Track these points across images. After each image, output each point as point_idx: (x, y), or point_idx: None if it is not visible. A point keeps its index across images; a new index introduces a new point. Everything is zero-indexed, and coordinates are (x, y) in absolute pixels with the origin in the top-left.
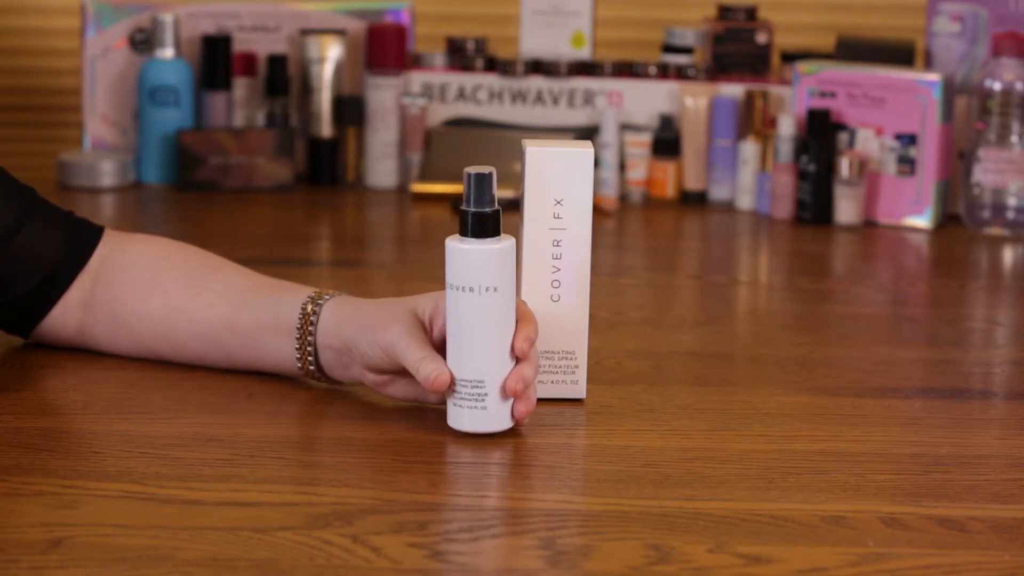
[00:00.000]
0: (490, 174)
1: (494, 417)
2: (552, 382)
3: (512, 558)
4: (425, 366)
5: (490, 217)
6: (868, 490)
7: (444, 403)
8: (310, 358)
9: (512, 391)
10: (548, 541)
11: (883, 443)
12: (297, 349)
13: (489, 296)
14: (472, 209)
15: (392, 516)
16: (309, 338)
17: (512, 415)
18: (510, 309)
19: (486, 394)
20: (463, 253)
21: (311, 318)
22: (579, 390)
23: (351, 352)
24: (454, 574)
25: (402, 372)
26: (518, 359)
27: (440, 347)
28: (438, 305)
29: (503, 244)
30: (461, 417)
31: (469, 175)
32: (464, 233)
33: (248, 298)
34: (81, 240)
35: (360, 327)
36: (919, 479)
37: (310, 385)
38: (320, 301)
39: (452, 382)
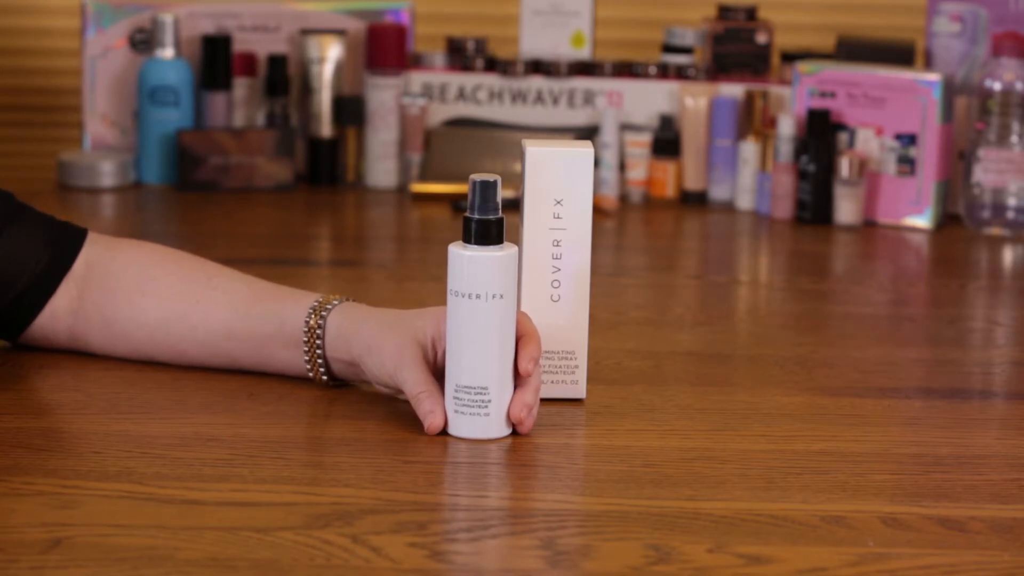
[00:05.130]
0: (495, 182)
1: (495, 424)
2: (552, 382)
3: (512, 558)
4: (422, 403)
5: (494, 224)
6: (868, 490)
7: None
8: (321, 368)
9: (516, 419)
10: (548, 541)
11: (883, 443)
12: (307, 361)
13: (494, 303)
14: (476, 216)
15: (392, 516)
16: (318, 351)
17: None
18: (512, 316)
19: (489, 401)
20: (467, 260)
21: (317, 331)
22: (579, 390)
23: (360, 366)
24: (454, 574)
25: None
26: (519, 379)
27: (442, 370)
28: (439, 326)
29: (507, 252)
30: (460, 424)
31: (474, 183)
32: (468, 240)
33: (249, 307)
34: (64, 244)
35: (368, 348)
36: (919, 479)
37: (310, 385)
38: (324, 312)
39: (445, 424)
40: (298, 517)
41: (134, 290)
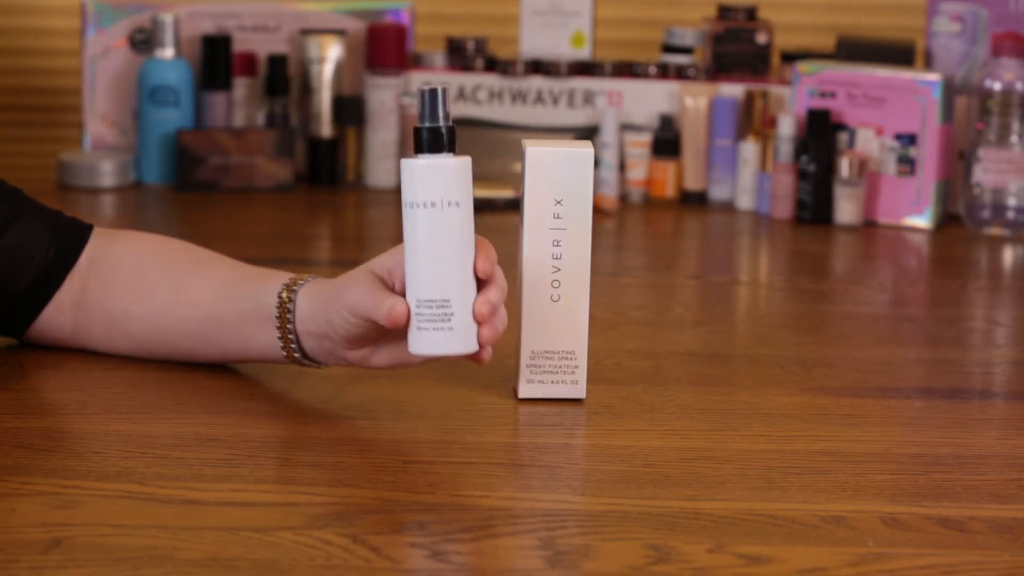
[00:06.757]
0: (443, 90)
1: (459, 338)
2: (552, 382)
3: (512, 558)
4: (382, 303)
5: (445, 132)
6: (868, 490)
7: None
8: (292, 345)
9: (479, 315)
10: (548, 541)
11: (883, 443)
12: (279, 338)
13: (451, 211)
14: (427, 125)
15: (392, 516)
16: (288, 326)
17: (478, 340)
18: (470, 226)
19: (452, 314)
20: (421, 169)
21: (288, 305)
22: (579, 390)
23: (329, 335)
24: (454, 574)
25: (377, 336)
26: (482, 282)
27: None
28: (395, 258)
29: (461, 159)
30: (423, 340)
31: (422, 91)
32: (419, 150)
33: (230, 290)
34: (70, 239)
35: (327, 302)
36: (919, 479)
37: (310, 385)
38: (295, 288)
39: (409, 312)
40: (298, 517)
41: (129, 283)
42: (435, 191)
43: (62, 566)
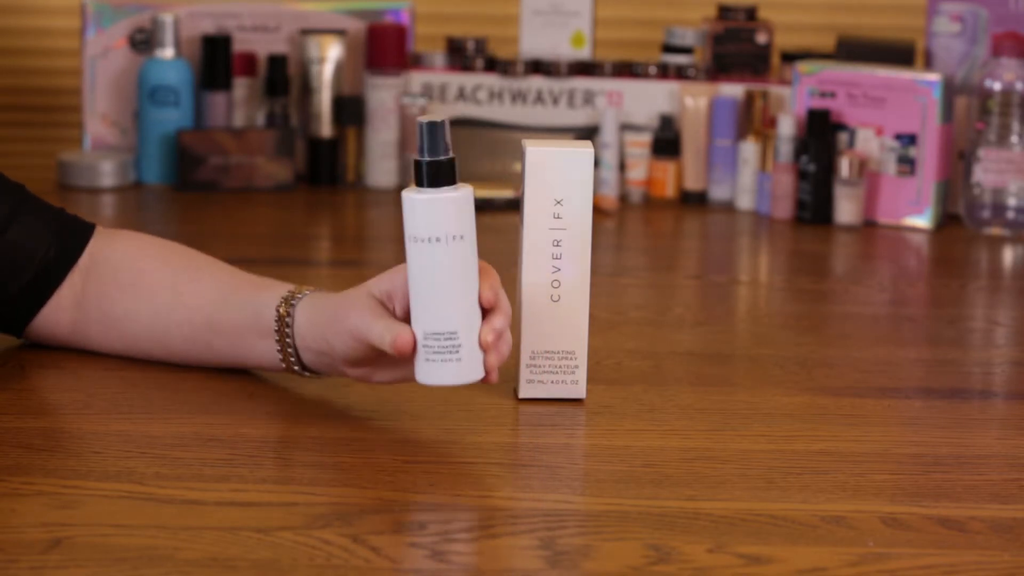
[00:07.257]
0: (443, 122)
1: (467, 368)
2: (552, 382)
3: (512, 558)
4: (388, 332)
5: (446, 165)
6: (868, 490)
7: None
8: (292, 359)
9: (485, 344)
10: (548, 541)
11: (883, 443)
12: (279, 351)
13: (455, 245)
14: (427, 159)
15: (392, 516)
16: (288, 340)
17: (484, 367)
18: (474, 256)
19: (460, 345)
20: (423, 203)
21: (286, 319)
22: (579, 390)
23: (328, 353)
24: (454, 574)
25: (379, 357)
26: (486, 310)
27: (406, 320)
28: (394, 281)
29: (463, 192)
30: (431, 371)
31: (421, 124)
32: (420, 183)
33: (228, 298)
34: (71, 237)
35: (327, 325)
36: (919, 479)
37: (310, 385)
38: (293, 301)
39: (415, 341)
40: (298, 517)
41: (127, 283)
42: (439, 226)
43: (62, 566)
